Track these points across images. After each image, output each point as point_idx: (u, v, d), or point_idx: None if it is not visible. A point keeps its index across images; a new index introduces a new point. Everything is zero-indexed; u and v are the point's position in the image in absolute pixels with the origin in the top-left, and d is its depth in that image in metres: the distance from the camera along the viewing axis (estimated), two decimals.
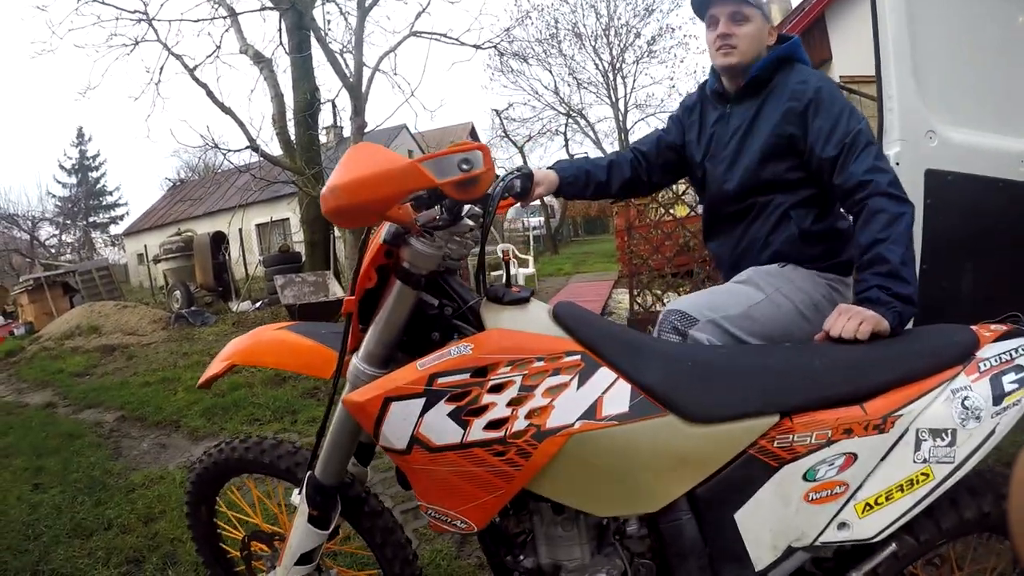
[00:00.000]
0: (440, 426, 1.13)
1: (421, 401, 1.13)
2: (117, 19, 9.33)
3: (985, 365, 1.21)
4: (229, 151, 9.81)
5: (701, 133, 1.84)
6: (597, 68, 25.67)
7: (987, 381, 1.19)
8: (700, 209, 6.27)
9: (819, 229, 1.65)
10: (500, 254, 8.58)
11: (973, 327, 1.29)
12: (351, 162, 1.00)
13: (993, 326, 1.30)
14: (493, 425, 1.13)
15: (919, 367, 1.21)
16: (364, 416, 1.17)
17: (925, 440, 1.17)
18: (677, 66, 35.54)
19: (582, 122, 26.49)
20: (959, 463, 1.17)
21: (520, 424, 1.12)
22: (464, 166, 1.01)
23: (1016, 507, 0.58)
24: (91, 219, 36.31)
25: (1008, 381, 1.19)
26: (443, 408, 1.13)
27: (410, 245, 1.17)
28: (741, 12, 1.67)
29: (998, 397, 1.18)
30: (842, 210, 1.55)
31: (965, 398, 1.17)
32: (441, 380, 1.13)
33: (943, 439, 1.17)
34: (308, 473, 1.43)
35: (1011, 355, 1.22)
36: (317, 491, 1.41)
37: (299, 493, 1.45)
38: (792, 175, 1.65)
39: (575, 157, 3.92)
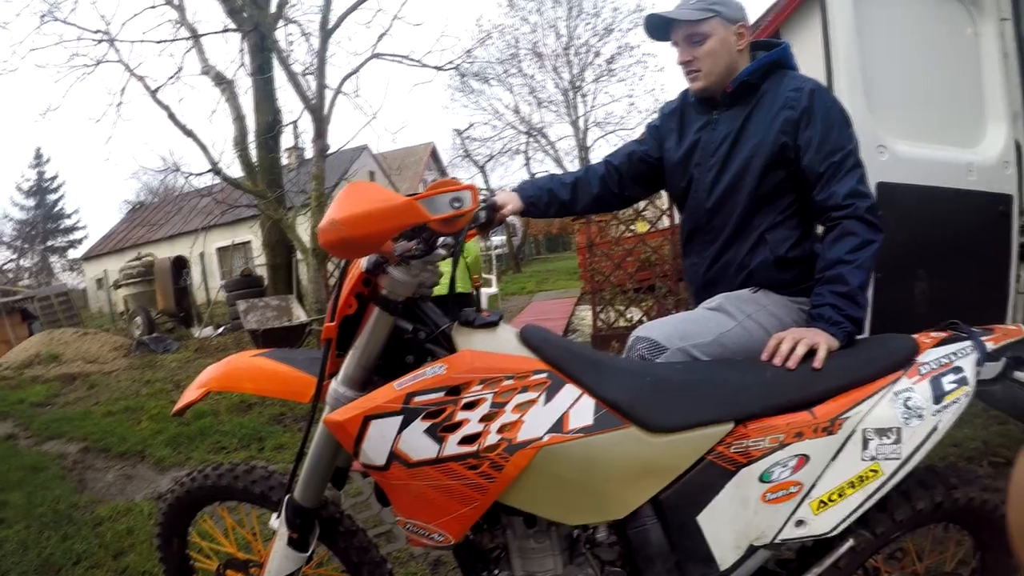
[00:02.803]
0: (417, 442, 1.18)
1: (399, 419, 1.17)
2: (79, 39, 9.22)
3: (925, 368, 1.31)
4: (191, 174, 9.71)
5: (682, 139, 1.79)
6: (557, 87, 25.87)
7: (928, 383, 1.29)
8: (660, 224, 6.46)
9: (794, 256, 1.63)
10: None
11: (914, 335, 1.38)
12: (349, 198, 1.05)
13: (933, 333, 1.40)
14: (467, 440, 1.17)
15: (864, 373, 1.30)
16: (344, 435, 1.20)
17: (872, 439, 1.25)
18: (636, 84, 36.11)
19: (543, 141, 26.78)
20: (905, 458, 1.26)
21: (492, 438, 1.17)
22: (455, 204, 1.09)
23: (1015, 509, 0.60)
24: (49, 243, 35.22)
25: (948, 381, 1.29)
26: (420, 425, 1.17)
27: (388, 274, 1.22)
28: (696, 33, 1.64)
29: (939, 396, 1.28)
30: (815, 222, 1.57)
31: (908, 399, 1.27)
32: (417, 399, 1.18)
33: (888, 437, 1.25)
34: (287, 496, 1.44)
35: (950, 358, 1.32)
36: (296, 514, 1.43)
37: (278, 517, 1.47)
38: (778, 188, 1.62)
39: (537, 176, 3.89)
